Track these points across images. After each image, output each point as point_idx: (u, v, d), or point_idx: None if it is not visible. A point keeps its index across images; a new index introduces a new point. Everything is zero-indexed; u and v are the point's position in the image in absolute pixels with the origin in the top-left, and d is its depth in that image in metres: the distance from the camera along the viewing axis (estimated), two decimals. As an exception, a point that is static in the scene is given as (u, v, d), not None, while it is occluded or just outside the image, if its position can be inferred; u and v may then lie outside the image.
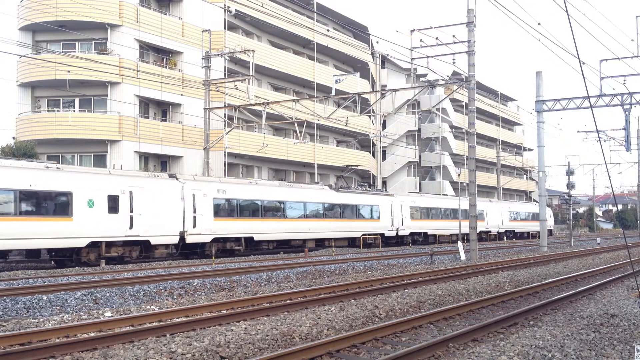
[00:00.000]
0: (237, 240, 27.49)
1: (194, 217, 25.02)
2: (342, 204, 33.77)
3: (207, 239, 25.87)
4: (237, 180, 30.18)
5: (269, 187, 30.09)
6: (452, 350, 8.22)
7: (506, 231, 51.05)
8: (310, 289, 13.96)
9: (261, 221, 28.61)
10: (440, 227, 42.63)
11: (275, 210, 29.74)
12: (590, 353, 7.77)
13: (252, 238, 28.05)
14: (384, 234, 36.72)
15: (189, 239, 24.99)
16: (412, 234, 39.93)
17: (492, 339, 8.91)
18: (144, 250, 23.69)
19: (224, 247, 26.96)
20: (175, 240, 24.54)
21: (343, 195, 34.17)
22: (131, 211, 22.62)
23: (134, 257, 23.31)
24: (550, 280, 16.53)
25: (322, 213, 32.43)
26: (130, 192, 22.67)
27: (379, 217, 36.38)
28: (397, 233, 38.17)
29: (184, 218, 24.56)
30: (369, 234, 35.43)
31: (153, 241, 23.58)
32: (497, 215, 49.11)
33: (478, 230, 43.91)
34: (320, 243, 32.40)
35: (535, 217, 56.70)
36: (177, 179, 25.31)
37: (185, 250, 26.12)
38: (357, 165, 40.58)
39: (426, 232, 41.26)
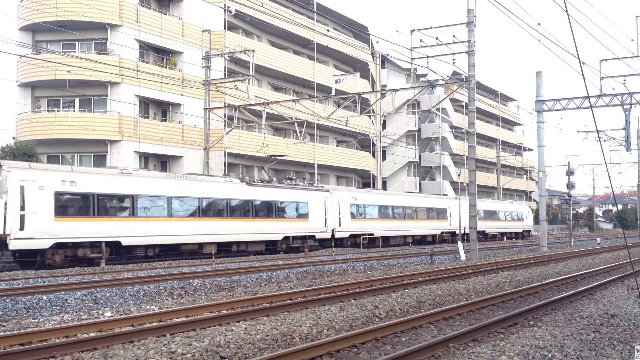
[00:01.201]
0: (95, 245, 21.96)
1: (22, 215, 19.68)
2: (256, 200, 28.33)
3: (44, 244, 20.38)
4: (97, 170, 24.60)
5: (147, 178, 24.41)
6: (452, 350, 8.22)
7: (479, 232, 47.55)
8: (310, 289, 13.96)
9: (132, 221, 23.07)
10: (392, 228, 37.98)
11: (156, 208, 24.07)
12: (590, 353, 7.77)
13: (119, 242, 22.65)
14: (314, 235, 31.71)
15: (14, 245, 19.58)
16: (353, 236, 34.69)
17: (492, 339, 8.91)
18: None
19: (74, 254, 21.46)
20: None
21: (257, 190, 28.69)
22: None
23: None
24: (550, 280, 16.52)
25: (227, 211, 26.91)
26: None
27: (307, 216, 31.12)
28: (332, 235, 32.96)
29: (5, 217, 19.31)
30: (294, 236, 30.48)
31: None
32: (463, 214, 46.88)
33: (439, 231, 42.13)
34: (227, 247, 27.32)
35: (514, 216, 53.85)
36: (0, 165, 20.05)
37: (20, 259, 21.11)
38: (281, 156, 35.47)
39: (372, 234, 35.91)
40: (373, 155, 56.11)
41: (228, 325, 9.69)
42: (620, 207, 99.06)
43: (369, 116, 49.65)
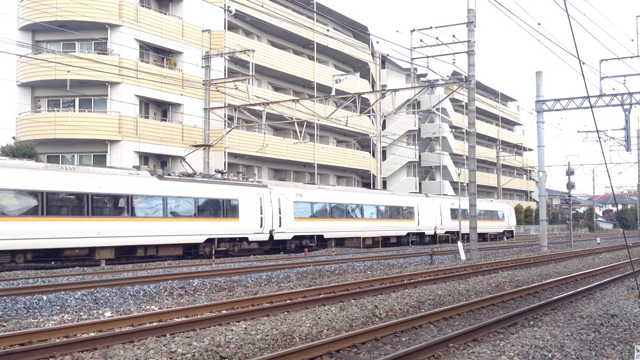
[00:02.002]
0: None
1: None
2: (170, 196, 24.59)
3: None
4: None
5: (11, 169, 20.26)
6: (452, 350, 8.22)
7: (447, 232, 42.97)
8: (310, 289, 13.96)
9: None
10: (346, 229, 34.13)
11: (17, 203, 20.05)
12: (590, 353, 7.77)
13: None
14: (247, 237, 27.90)
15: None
16: (298, 237, 30.98)
17: (492, 339, 8.91)
18: None
19: None
20: None
21: (171, 185, 24.82)
22: None
23: None
24: (550, 280, 16.52)
25: (128, 209, 23.15)
26: None
27: (237, 215, 27.22)
28: (271, 237, 28.99)
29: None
30: (221, 238, 26.69)
31: None
32: (432, 213, 41.33)
33: (405, 232, 38.42)
34: (130, 252, 23.74)
35: (494, 215, 50.10)
36: None
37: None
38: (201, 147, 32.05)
39: (322, 236, 32.29)
40: (373, 155, 56.11)
41: (228, 325, 9.68)
42: (620, 207, 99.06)
43: (369, 116, 49.66)
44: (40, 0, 33.59)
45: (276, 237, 29.31)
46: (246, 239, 27.98)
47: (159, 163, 39.51)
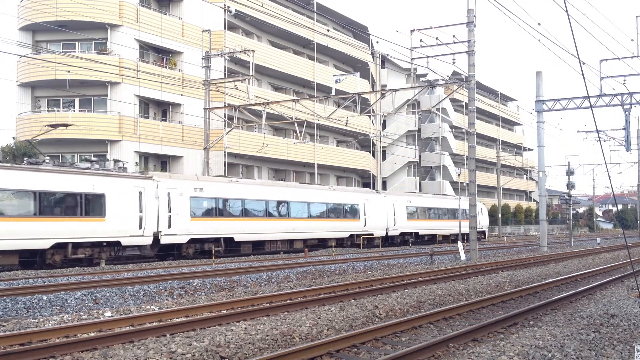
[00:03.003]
0: None
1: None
2: None
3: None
4: None
5: None
6: (452, 350, 8.22)
7: (402, 234, 38.65)
8: (310, 289, 13.96)
9: None
10: (265, 230, 28.92)
11: None
12: (590, 353, 7.77)
13: None
14: (119, 241, 22.56)
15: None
16: (196, 240, 25.80)
17: (492, 339, 8.91)
18: None
19: None
20: None
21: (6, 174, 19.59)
22: None
23: None
24: (550, 280, 16.52)
25: None
26: None
27: (102, 214, 21.94)
28: (156, 240, 23.90)
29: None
30: (78, 243, 21.30)
31: None
32: (383, 212, 36.45)
33: (347, 234, 33.62)
34: None
35: (453, 214, 44.83)
36: None
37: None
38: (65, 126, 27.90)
39: (232, 238, 27.14)
40: (373, 155, 56.12)
41: (228, 325, 9.68)
42: (620, 207, 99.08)
43: (369, 116, 49.66)
44: (40, 0, 33.59)
45: (164, 240, 24.15)
46: (118, 243, 22.69)
47: (159, 163, 39.52)
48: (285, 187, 31.87)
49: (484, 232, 47.82)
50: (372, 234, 35.72)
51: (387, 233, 36.98)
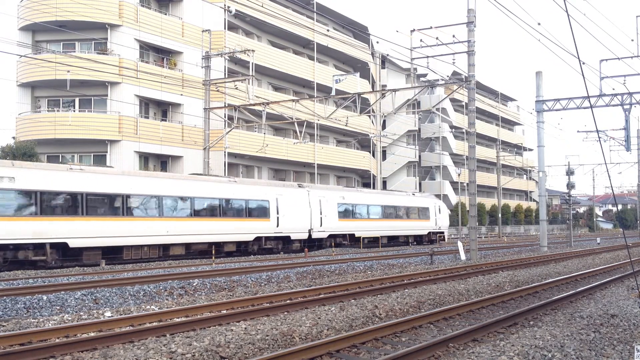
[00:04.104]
0: None
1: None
2: None
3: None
4: None
5: None
6: (452, 350, 8.22)
7: (333, 236, 32.91)
8: (310, 289, 13.96)
9: None
10: (129, 233, 23.04)
11: None
12: (590, 353, 7.77)
13: None
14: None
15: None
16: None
17: (492, 339, 8.91)
18: None
19: None
20: None
21: None
22: None
23: None
24: (550, 280, 16.52)
25: None
26: None
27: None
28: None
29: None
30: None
31: None
32: (304, 210, 31.02)
33: (252, 236, 27.96)
34: None
35: (413, 214, 40.05)
36: None
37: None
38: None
39: (66, 243, 21.08)
40: (373, 155, 56.11)
41: (228, 325, 9.69)
42: (620, 207, 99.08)
43: (369, 116, 49.66)
44: (40, 0, 33.58)
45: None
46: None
47: (159, 163, 39.52)
48: (155, 177, 25.81)
49: (442, 233, 42.63)
50: (289, 236, 30.03)
51: (310, 235, 31.16)
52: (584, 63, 16.97)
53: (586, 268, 20.97)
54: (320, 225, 31.88)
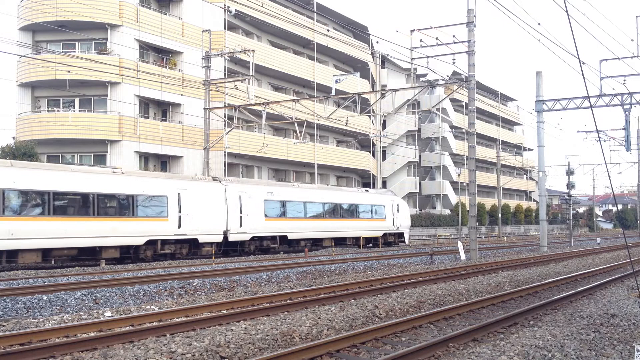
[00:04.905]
0: None
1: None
2: None
3: None
4: None
5: None
6: (452, 350, 8.22)
7: (257, 238, 28.60)
8: (310, 288, 13.96)
9: None
10: None
11: None
12: (590, 353, 7.77)
13: None
14: None
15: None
16: None
17: (492, 339, 8.91)
18: None
19: None
20: None
21: None
22: None
23: None
24: (550, 280, 16.52)
25: None
26: None
27: None
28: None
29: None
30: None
31: None
32: (218, 208, 26.43)
33: (143, 239, 23.16)
34: None
35: (366, 213, 35.59)
36: None
37: None
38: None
39: None
40: (373, 155, 56.12)
41: (228, 325, 9.68)
42: (620, 207, 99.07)
43: (369, 116, 49.67)
44: (40, 0, 33.58)
45: None
46: None
47: (159, 163, 39.53)
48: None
49: (402, 234, 38.66)
50: (196, 239, 25.50)
51: (226, 237, 26.77)
52: (584, 63, 16.98)
53: (586, 268, 20.97)
54: (240, 226, 27.19)
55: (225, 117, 37.53)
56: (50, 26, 33.49)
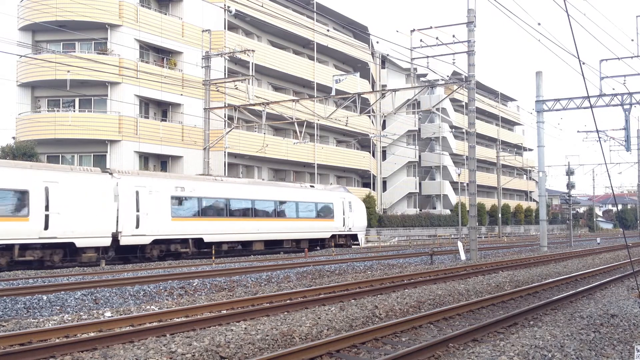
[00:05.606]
0: None
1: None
2: None
3: None
4: None
5: None
6: (452, 350, 8.22)
7: (161, 241, 24.37)
8: (310, 289, 13.96)
9: None
10: None
11: None
12: (590, 353, 7.77)
13: None
14: None
15: None
16: None
17: (492, 339, 8.91)
18: None
19: None
20: None
21: None
22: None
23: None
24: (550, 280, 16.52)
25: None
26: None
27: None
28: None
29: None
30: None
31: None
32: (106, 206, 22.22)
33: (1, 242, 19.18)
34: None
35: (310, 212, 31.61)
36: None
37: None
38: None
39: None
40: (373, 155, 56.12)
41: (228, 325, 9.69)
42: (620, 207, 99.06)
43: (369, 116, 49.66)
44: (40, 0, 33.58)
45: None
46: None
47: (159, 163, 39.53)
48: None
49: (355, 236, 34.95)
50: (72, 243, 21.18)
51: (116, 240, 22.57)
52: (584, 63, 16.98)
53: (586, 268, 20.96)
54: (137, 227, 23.00)
55: (225, 117, 37.52)
56: (50, 26, 33.49)
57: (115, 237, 22.41)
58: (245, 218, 28.14)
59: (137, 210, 23.04)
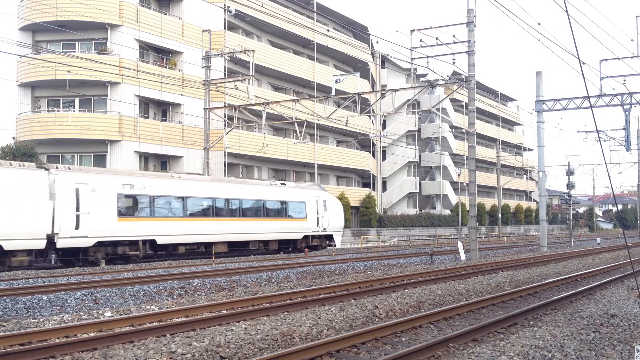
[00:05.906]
0: None
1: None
2: None
3: None
4: None
5: None
6: (452, 350, 8.22)
7: (106, 243, 22.27)
8: (310, 289, 13.96)
9: None
10: None
11: None
12: (590, 353, 7.77)
13: None
14: None
15: None
16: None
17: (492, 339, 8.91)
18: None
19: None
20: None
21: None
22: None
23: None
24: (550, 280, 16.52)
25: None
26: None
27: None
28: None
29: None
30: None
31: None
32: (37, 205, 20.05)
33: None
34: None
35: (279, 211, 29.86)
36: None
37: None
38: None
39: None
40: (373, 155, 56.12)
41: (228, 325, 9.68)
42: (620, 207, 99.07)
43: (369, 116, 49.66)
44: (40, 0, 33.59)
45: None
46: None
47: (159, 163, 39.53)
48: None
49: (329, 236, 32.65)
50: (0, 245, 19.05)
51: (52, 242, 20.53)
52: (584, 63, 16.98)
53: (586, 268, 20.96)
54: (77, 228, 21.03)
55: (225, 117, 37.53)
56: (50, 26, 33.49)
57: (50, 239, 20.27)
58: (205, 218, 26.06)
59: (77, 210, 21.05)
